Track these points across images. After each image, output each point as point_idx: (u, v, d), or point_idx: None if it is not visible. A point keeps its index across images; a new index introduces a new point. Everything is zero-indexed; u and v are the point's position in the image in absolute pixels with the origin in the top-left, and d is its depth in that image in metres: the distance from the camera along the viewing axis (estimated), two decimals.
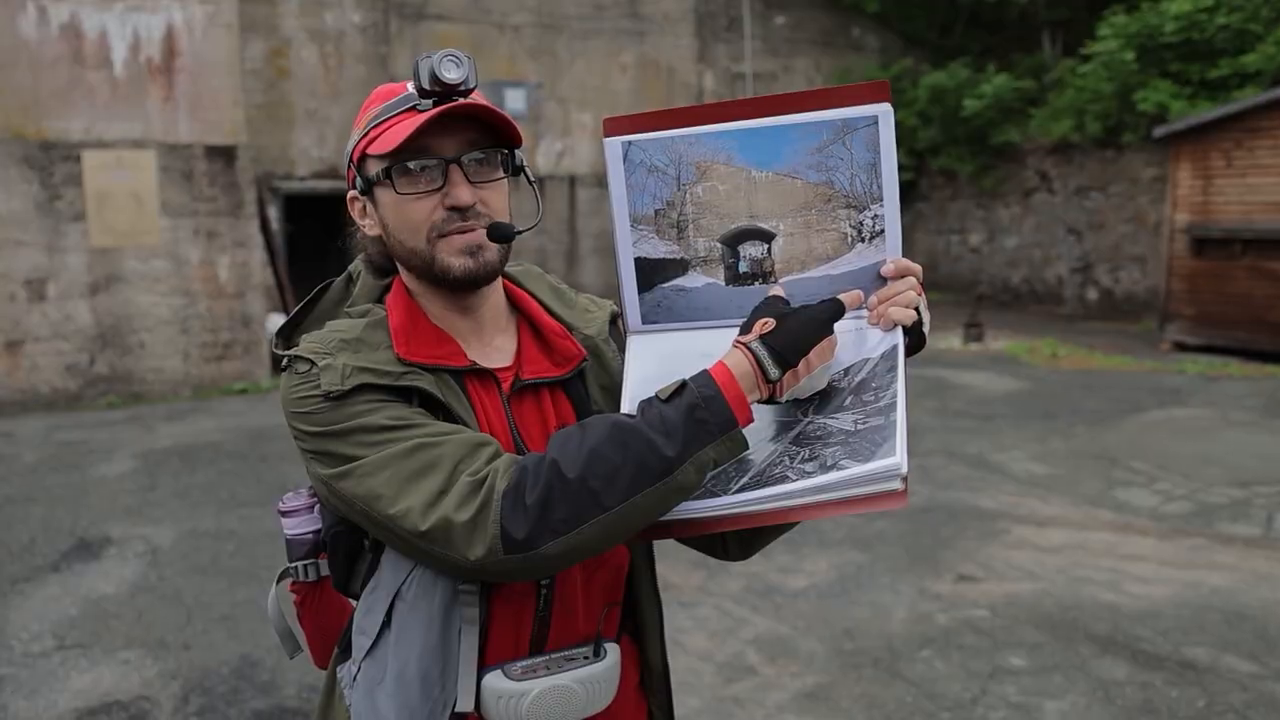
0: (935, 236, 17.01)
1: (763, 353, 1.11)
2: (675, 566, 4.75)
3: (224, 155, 9.76)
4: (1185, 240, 11.16)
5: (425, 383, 1.20)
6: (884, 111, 1.15)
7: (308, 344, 1.22)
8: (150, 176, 9.49)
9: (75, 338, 9.42)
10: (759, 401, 1.13)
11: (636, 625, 1.40)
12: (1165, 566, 4.77)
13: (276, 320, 11.33)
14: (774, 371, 1.10)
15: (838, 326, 1.17)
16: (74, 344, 9.42)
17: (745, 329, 1.15)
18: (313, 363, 1.19)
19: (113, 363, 9.57)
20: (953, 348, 11.77)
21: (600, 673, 1.27)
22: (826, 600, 4.43)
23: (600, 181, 15.30)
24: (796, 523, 1.24)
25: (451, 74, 1.16)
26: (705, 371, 1.11)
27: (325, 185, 13.37)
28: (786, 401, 1.15)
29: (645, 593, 1.39)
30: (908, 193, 17.29)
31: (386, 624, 1.25)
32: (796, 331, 1.12)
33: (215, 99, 9.72)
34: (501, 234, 1.21)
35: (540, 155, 14.96)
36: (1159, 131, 11.41)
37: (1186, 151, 11.11)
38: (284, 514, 1.40)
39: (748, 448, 1.12)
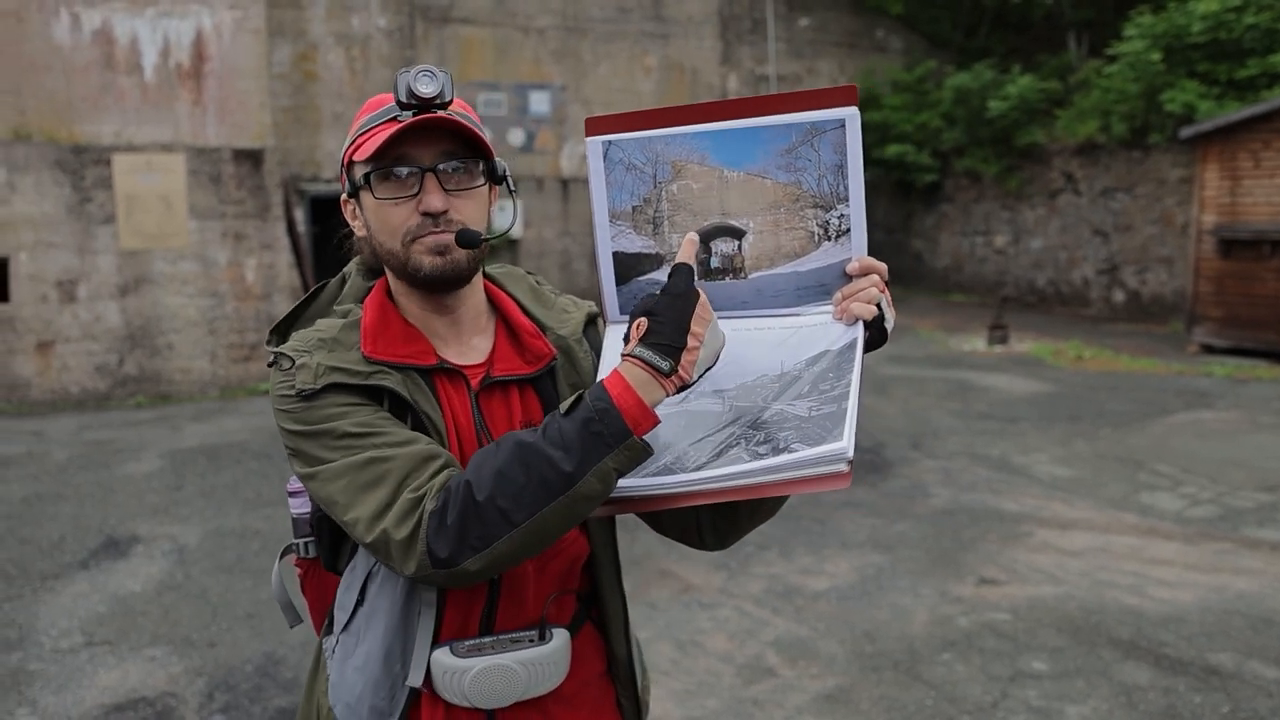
0: (960, 238, 16.91)
1: (647, 354, 1.14)
2: (696, 568, 4.76)
3: (251, 158, 9.87)
4: (1213, 241, 11.05)
5: (392, 382, 1.27)
6: (851, 115, 1.19)
7: (292, 342, 1.31)
8: (179, 179, 9.61)
9: (105, 338, 9.55)
10: (681, 389, 1.17)
11: (600, 615, 1.45)
12: (1190, 571, 4.73)
13: None
14: (665, 364, 1.13)
15: (805, 320, 1.24)
16: (103, 344, 9.55)
17: (626, 338, 1.20)
18: (293, 360, 1.27)
19: (141, 363, 9.69)
20: (977, 350, 11.71)
21: (544, 656, 1.33)
22: (847, 602, 4.42)
23: None
24: (769, 515, 1.31)
25: (425, 88, 1.24)
26: (600, 383, 1.15)
27: None
28: (699, 377, 1.19)
29: (607, 584, 1.43)
30: (932, 194, 17.22)
31: (360, 601, 1.35)
32: (669, 315, 1.15)
33: (243, 103, 9.83)
34: (466, 240, 1.27)
35: (564, 157, 15.01)
36: (1186, 132, 11.31)
37: (1214, 152, 11.00)
38: (290, 494, 1.48)
39: (651, 453, 1.16)
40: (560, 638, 1.35)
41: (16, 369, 9.29)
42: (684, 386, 1.16)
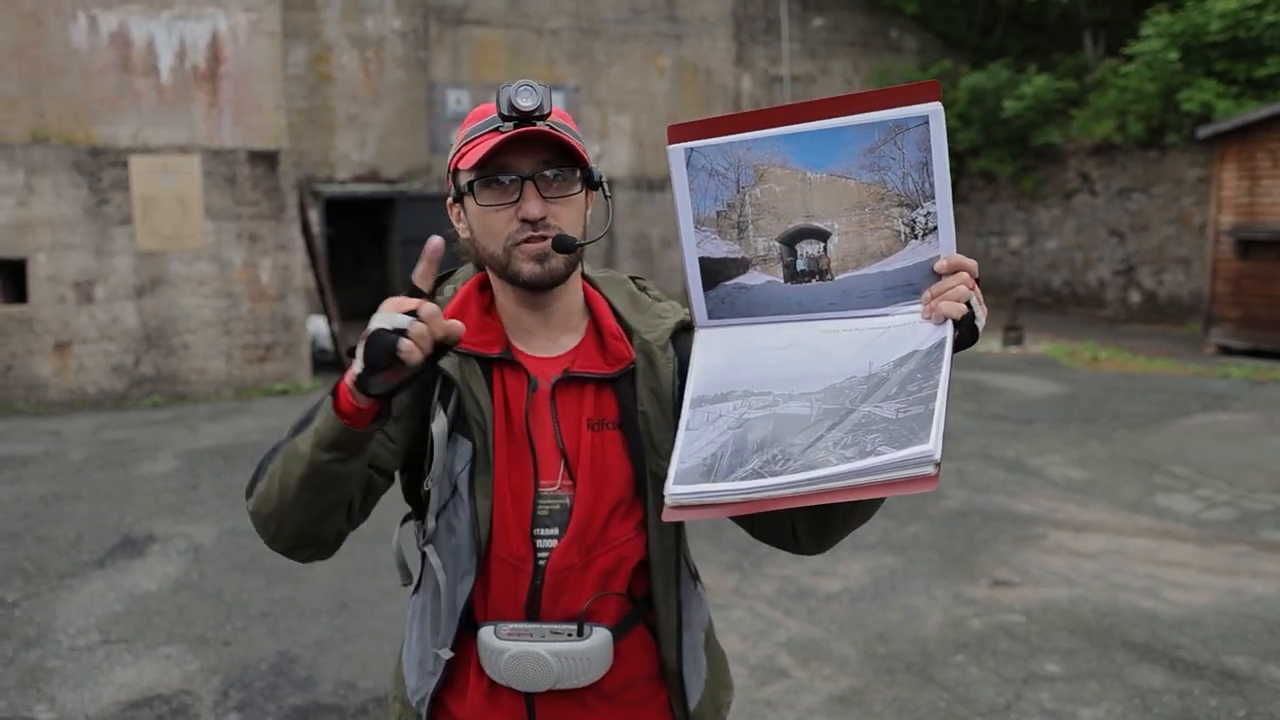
0: (975, 239, 16.85)
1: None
2: (708, 568, 4.76)
3: (266, 160, 9.92)
4: (1230, 242, 10.97)
5: (447, 362, 1.36)
6: (934, 111, 1.17)
7: None
8: (195, 181, 9.67)
9: (122, 339, 9.62)
10: (360, 383, 1.17)
11: (655, 620, 1.46)
12: (1206, 573, 4.70)
13: (317, 322, 11.48)
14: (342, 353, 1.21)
15: (893, 320, 1.23)
16: (120, 345, 9.62)
17: None
18: None
19: (157, 363, 9.75)
20: (992, 351, 11.66)
21: (578, 651, 1.37)
22: (860, 603, 4.41)
23: (638, 184, 15.32)
24: (865, 518, 1.33)
25: (525, 102, 1.31)
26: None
27: (365, 188, 13.53)
28: (367, 369, 1.17)
29: (662, 590, 1.44)
30: None
31: (421, 564, 1.46)
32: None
33: (258, 104, 9.88)
34: (562, 245, 1.34)
35: None
36: (1204, 131, 11.23)
37: (1232, 152, 10.93)
38: None
39: (353, 432, 1.20)
40: (599, 636, 1.38)
41: (35, 369, 9.37)
42: (361, 381, 1.17)
